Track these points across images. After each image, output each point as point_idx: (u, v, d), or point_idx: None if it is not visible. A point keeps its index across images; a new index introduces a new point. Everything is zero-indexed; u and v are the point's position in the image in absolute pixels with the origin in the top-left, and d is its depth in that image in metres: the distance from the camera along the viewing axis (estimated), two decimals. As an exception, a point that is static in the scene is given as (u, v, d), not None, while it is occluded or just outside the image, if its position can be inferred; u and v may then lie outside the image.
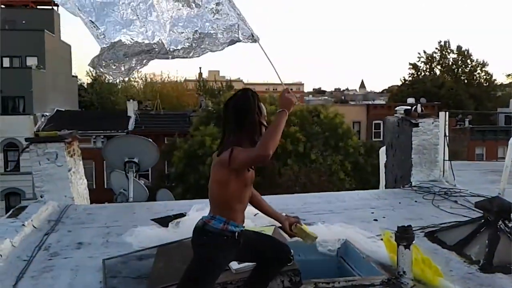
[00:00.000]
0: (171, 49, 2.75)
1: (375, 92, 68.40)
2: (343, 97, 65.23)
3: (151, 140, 6.40)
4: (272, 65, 2.66)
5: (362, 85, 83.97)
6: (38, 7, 36.34)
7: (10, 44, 32.50)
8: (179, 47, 2.78)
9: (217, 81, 42.95)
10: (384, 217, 4.78)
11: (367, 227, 4.39)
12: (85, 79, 46.65)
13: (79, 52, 71.62)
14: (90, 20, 2.59)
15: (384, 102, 43.99)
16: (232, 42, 2.94)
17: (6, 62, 33.44)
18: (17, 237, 3.97)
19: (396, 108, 6.55)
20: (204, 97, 35.33)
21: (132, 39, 2.63)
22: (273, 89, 67.78)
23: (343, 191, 17.12)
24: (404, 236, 3.05)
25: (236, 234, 2.46)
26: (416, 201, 5.37)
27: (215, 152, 2.54)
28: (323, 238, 3.81)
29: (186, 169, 19.58)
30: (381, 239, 3.70)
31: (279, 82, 2.88)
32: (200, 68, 62.56)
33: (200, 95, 38.33)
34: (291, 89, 2.73)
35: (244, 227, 2.56)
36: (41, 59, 33.40)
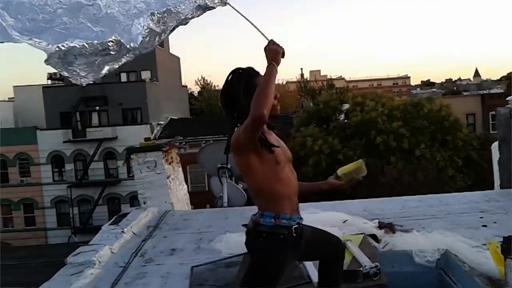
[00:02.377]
0: (131, 46, 2.55)
1: (492, 80, 62.53)
2: (455, 88, 60.64)
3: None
4: (249, 21, 2.38)
5: (477, 74, 77.39)
6: (149, 24, 39.01)
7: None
8: (139, 41, 2.58)
9: (318, 80, 42.49)
10: (495, 223, 4.25)
11: (474, 234, 3.94)
12: (194, 88, 49.21)
13: (187, 63, 75.69)
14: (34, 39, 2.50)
15: (502, 91, 40.09)
16: (201, 8, 2.67)
17: (123, 77, 36.57)
18: (117, 244, 4.20)
19: (508, 98, 5.83)
20: (305, 97, 35.20)
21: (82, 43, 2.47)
22: (378, 85, 65.45)
23: (455, 189, 15.94)
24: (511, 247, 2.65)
25: (294, 229, 2.24)
26: (535, 204, 4.73)
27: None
28: (420, 248, 3.50)
29: (289, 170, 19.60)
30: (488, 249, 3.28)
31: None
32: (301, 69, 62.58)
33: (302, 96, 38.27)
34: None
35: (300, 218, 2.32)
36: (153, 72, 36.00)
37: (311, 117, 22.25)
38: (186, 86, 44.97)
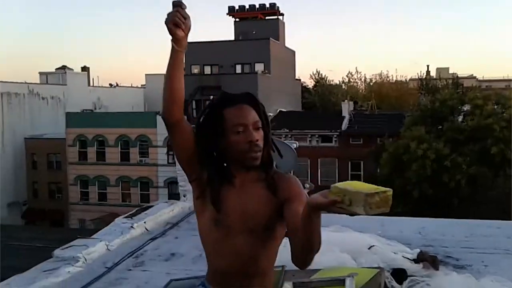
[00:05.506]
0: None
1: None
2: None
3: (287, 142, 5.71)
4: None
5: None
6: (266, 18, 39.61)
7: (243, 53, 36.52)
8: None
9: (442, 78, 38.98)
10: None
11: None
12: (309, 82, 48.65)
13: (303, 57, 74.89)
14: None
15: None
16: None
17: (238, 68, 37.44)
18: (118, 240, 3.84)
19: None
20: (425, 95, 32.50)
21: None
22: (515, 85, 58.22)
23: None
24: None
25: None
26: None
27: None
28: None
29: (392, 172, 18.08)
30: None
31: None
32: (427, 65, 58.32)
33: (422, 94, 35.47)
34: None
35: None
36: (266, 64, 36.24)
37: (425, 116, 20.24)
38: (299, 80, 44.62)
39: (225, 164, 1.63)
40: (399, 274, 2.83)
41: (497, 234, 3.88)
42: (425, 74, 45.86)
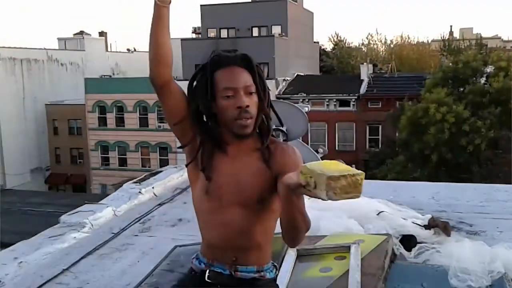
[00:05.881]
0: None
1: None
2: None
3: (298, 106, 5.53)
4: None
5: None
6: (285, -22, 38.40)
7: (259, 15, 35.82)
8: None
9: (465, 39, 37.65)
10: None
11: None
12: (327, 45, 47.66)
13: (321, 19, 72.83)
14: None
15: None
16: None
17: (255, 31, 36.81)
18: (125, 206, 3.82)
19: None
20: (447, 57, 31.55)
21: None
22: (543, 45, 56.01)
23: None
24: None
25: (207, 274, 1.51)
26: None
27: None
28: (465, 265, 2.44)
29: (411, 137, 17.78)
30: None
31: None
32: (451, 26, 56.52)
33: (444, 55, 34.44)
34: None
35: (223, 269, 1.50)
36: (284, 27, 35.53)
37: (446, 78, 19.69)
38: (317, 42, 43.73)
39: (218, 131, 1.53)
40: (408, 241, 2.74)
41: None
42: (447, 35, 44.49)
